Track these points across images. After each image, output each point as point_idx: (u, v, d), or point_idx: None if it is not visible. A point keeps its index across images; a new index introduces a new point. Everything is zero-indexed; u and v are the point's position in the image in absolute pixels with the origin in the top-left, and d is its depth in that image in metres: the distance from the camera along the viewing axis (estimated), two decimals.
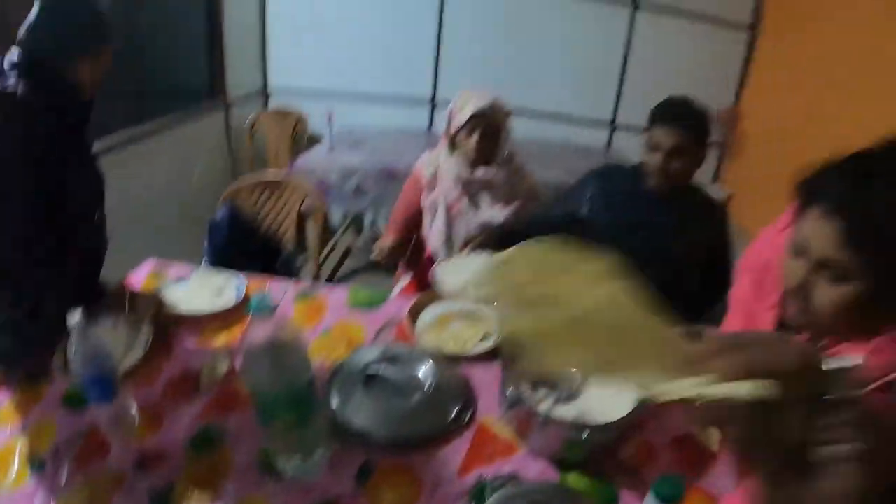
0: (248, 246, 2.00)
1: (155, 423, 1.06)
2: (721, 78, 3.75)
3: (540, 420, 0.97)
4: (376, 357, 1.20)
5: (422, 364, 1.19)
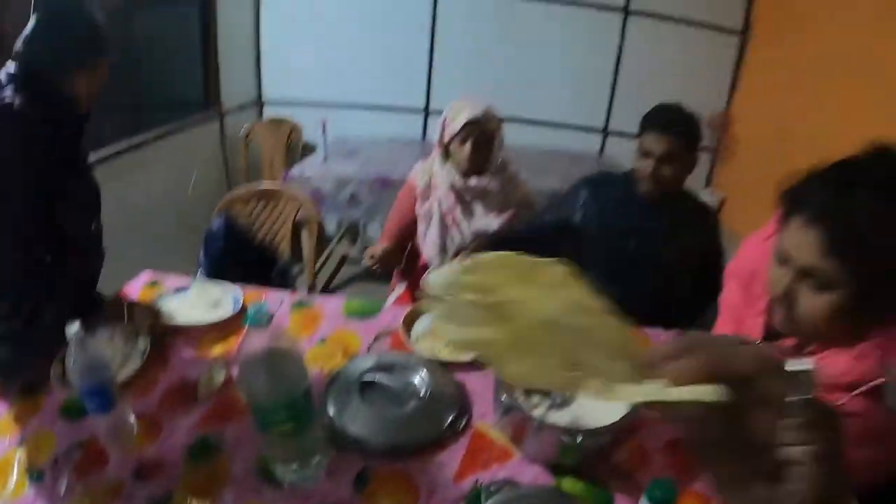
0: (244, 256, 2.00)
1: (153, 433, 1.06)
2: (713, 83, 3.78)
3: (534, 426, 0.98)
4: (372, 365, 1.22)
5: (417, 372, 1.21)
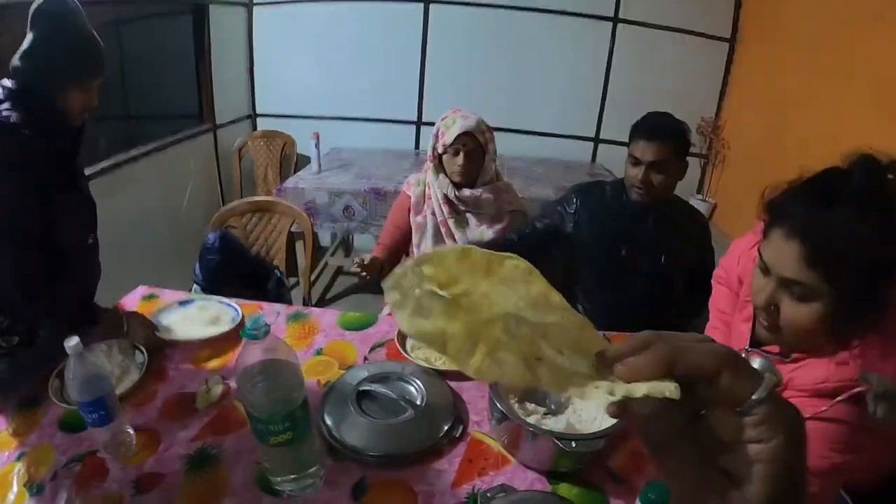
0: (239, 269, 2.01)
1: (152, 445, 1.07)
2: (702, 90, 3.83)
3: (529, 433, 0.99)
4: (368, 375, 1.22)
5: (413, 381, 1.22)
